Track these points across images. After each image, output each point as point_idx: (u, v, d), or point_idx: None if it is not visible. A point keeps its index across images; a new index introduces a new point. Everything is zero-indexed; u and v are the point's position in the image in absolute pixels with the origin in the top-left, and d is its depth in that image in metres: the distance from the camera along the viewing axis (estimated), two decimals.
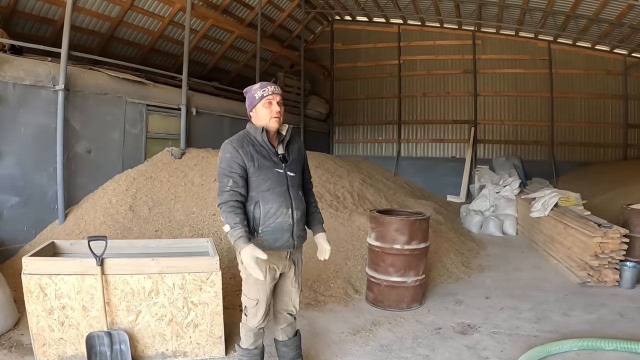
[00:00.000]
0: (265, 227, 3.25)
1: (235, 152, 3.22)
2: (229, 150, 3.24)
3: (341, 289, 5.92)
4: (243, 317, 3.49)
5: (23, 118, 6.17)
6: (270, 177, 3.28)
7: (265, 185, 3.26)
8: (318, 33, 17.20)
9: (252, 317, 3.42)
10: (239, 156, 3.21)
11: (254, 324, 3.43)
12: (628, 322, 5.22)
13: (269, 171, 3.28)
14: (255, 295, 3.35)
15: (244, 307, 3.45)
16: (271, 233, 3.27)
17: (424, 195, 13.40)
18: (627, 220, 6.87)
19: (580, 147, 14.41)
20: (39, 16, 8.86)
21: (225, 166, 3.21)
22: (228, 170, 3.19)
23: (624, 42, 12.46)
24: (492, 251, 8.63)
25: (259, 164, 3.25)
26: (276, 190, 3.28)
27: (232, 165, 3.20)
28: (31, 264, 3.78)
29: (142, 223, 6.61)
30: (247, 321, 3.45)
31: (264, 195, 3.25)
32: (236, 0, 12.46)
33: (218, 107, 10.38)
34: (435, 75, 15.69)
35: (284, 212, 3.29)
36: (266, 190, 3.26)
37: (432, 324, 5.12)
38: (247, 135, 3.35)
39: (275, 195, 3.27)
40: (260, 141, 3.31)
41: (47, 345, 3.82)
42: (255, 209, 3.25)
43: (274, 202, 3.26)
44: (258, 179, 3.24)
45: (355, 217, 7.51)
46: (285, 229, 3.31)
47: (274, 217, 3.26)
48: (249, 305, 3.40)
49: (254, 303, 3.37)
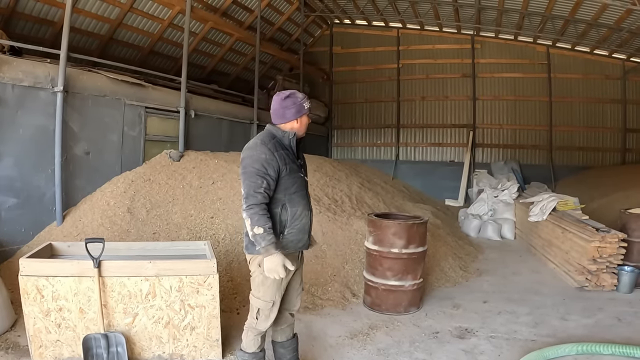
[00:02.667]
0: (291, 228, 3.34)
1: (271, 154, 3.23)
2: (264, 152, 3.23)
3: (339, 293, 5.91)
4: (251, 321, 3.47)
5: (21, 119, 6.17)
6: (297, 181, 3.37)
7: (293, 188, 3.34)
8: (317, 36, 17.24)
9: (264, 319, 3.42)
10: (274, 159, 3.23)
11: (265, 327, 3.44)
12: (626, 326, 5.21)
13: (296, 175, 3.37)
14: (272, 296, 3.38)
15: (255, 310, 3.42)
16: (295, 234, 3.36)
17: (422, 199, 13.41)
18: (625, 224, 6.87)
19: (578, 152, 14.45)
20: (38, 17, 8.86)
21: (260, 167, 3.19)
22: (263, 171, 3.18)
23: (622, 46, 12.51)
24: (490, 255, 8.63)
25: (290, 167, 3.31)
26: (300, 193, 3.39)
27: (267, 167, 3.20)
28: (28, 265, 3.77)
29: (140, 225, 6.60)
30: (258, 325, 3.44)
31: (291, 198, 3.33)
32: (236, 3, 12.48)
33: (217, 110, 10.40)
34: (434, 79, 15.73)
35: (305, 214, 3.41)
36: (293, 193, 3.34)
37: (430, 328, 5.11)
38: (275, 137, 3.38)
39: (299, 197, 3.38)
40: (287, 145, 3.38)
41: (43, 347, 3.81)
42: (283, 212, 3.31)
43: (299, 205, 3.37)
44: (287, 182, 3.30)
45: (353, 221, 7.50)
46: (305, 230, 3.44)
47: (299, 219, 3.36)
48: (264, 308, 3.39)
49: (269, 305, 3.39)
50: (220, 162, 8.31)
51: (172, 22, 11.32)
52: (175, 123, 8.88)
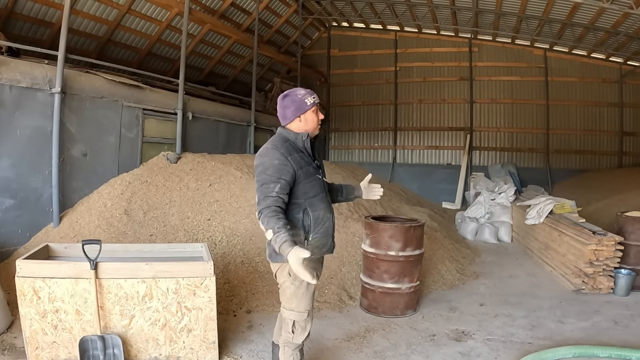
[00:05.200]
0: (315, 233, 3.20)
1: (284, 159, 3.09)
2: (277, 157, 3.09)
3: (335, 295, 5.91)
4: (287, 336, 3.31)
5: (19, 120, 6.15)
6: (315, 184, 3.24)
7: (313, 192, 3.20)
8: (315, 39, 17.26)
9: (302, 331, 3.31)
10: (288, 163, 3.08)
11: (302, 339, 3.32)
12: (622, 329, 5.23)
13: (314, 177, 3.23)
14: (307, 305, 3.26)
15: (291, 324, 3.28)
16: (320, 239, 3.23)
17: (420, 202, 13.43)
18: (621, 227, 6.88)
19: (575, 155, 14.50)
20: (36, 18, 8.86)
21: (273, 172, 3.04)
22: (276, 176, 3.03)
23: (619, 50, 12.56)
24: (487, 258, 8.64)
25: (306, 170, 3.18)
26: (320, 196, 3.26)
27: (281, 172, 3.04)
28: (25, 266, 3.75)
29: (137, 227, 6.59)
30: (295, 339, 3.30)
31: (312, 202, 3.19)
32: (234, 6, 12.51)
33: (214, 112, 10.40)
34: (432, 82, 15.77)
35: (328, 217, 3.29)
36: (313, 197, 3.20)
37: (426, 330, 5.11)
38: (288, 141, 3.23)
39: (319, 201, 3.25)
40: (301, 147, 3.24)
41: (40, 348, 3.79)
42: (305, 217, 3.17)
43: (320, 208, 3.24)
44: (306, 186, 3.17)
45: (350, 224, 7.51)
46: (329, 233, 3.31)
47: (322, 222, 3.23)
48: (300, 319, 3.26)
49: (305, 315, 3.27)
50: (218, 164, 8.31)
51: (170, 24, 11.33)
52: (172, 125, 8.87)
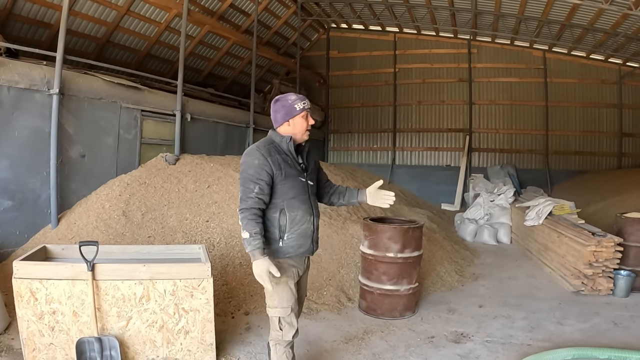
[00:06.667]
0: (291, 233, 3.29)
1: (264, 159, 3.21)
2: (257, 157, 3.22)
3: (334, 297, 5.89)
4: (276, 334, 3.39)
5: (17, 121, 6.14)
6: (295, 186, 3.32)
7: (291, 193, 3.29)
8: (314, 40, 17.26)
9: (289, 327, 3.37)
10: (267, 164, 3.20)
11: (291, 335, 3.39)
12: (622, 330, 5.21)
13: (294, 179, 3.32)
14: (288, 301, 3.33)
15: (277, 322, 3.36)
16: (296, 239, 3.31)
17: (419, 203, 13.42)
18: (621, 228, 6.87)
19: (574, 156, 14.49)
20: (35, 20, 8.83)
21: (253, 172, 3.18)
22: (256, 176, 3.17)
23: (618, 51, 12.56)
24: (486, 260, 8.63)
25: (286, 172, 3.27)
26: (300, 198, 3.34)
27: (260, 172, 3.18)
28: (22, 268, 3.74)
29: (135, 229, 6.58)
30: (284, 335, 3.38)
31: (290, 203, 3.28)
32: (232, 7, 12.49)
33: (213, 114, 10.39)
34: (431, 83, 15.76)
35: (307, 219, 3.36)
36: (292, 198, 3.29)
37: (425, 332, 5.10)
38: (273, 143, 3.36)
39: (299, 202, 3.32)
40: (285, 150, 3.34)
41: (37, 350, 3.78)
42: (281, 216, 3.27)
43: (299, 210, 3.31)
44: (284, 187, 3.26)
45: (349, 225, 7.50)
46: (308, 235, 3.38)
47: (299, 224, 3.31)
48: (284, 315, 3.34)
49: (288, 311, 3.34)
50: (216, 165, 8.30)
51: (168, 25, 11.31)
52: (171, 126, 8.86)
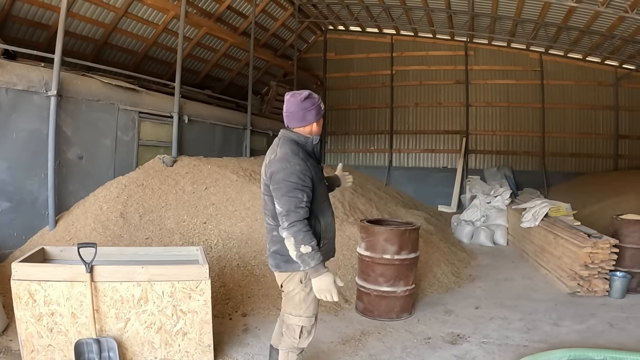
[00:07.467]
0: (325, 239, 3.20)
1: (304, 164, 3.01)
2: (298, 163, 3.00)
3: None
4: (292, 341, 3.32)
5: (15, 123, 6.15)
6: (323, 190, 3.23)
7: (321, 198, 3.17)
8: (311, 42, 17.27)
9: (307, 335, 3.32)
10: (308, 169, 3.02)
11: (307, 343, 3.35)
12: (618, 331, 5.25)
13: (321, 183, 3.21)
14: (314, 310, 3.28)
15: (298, 330, 3.27)
16: (329, 245, 3.25)
17: (415, 205, 13.44)
18: (617, 230, 6.91)
19: (571, 158, 14.53)
20: (33, 21, 8.84)
21: (297, 180, 2.95)
22: (301, 184, 2.95)
23: (615, 53, 12.61)
24: (482, 261, 8.65)
25: (319, 176, 3.15)
26: (327, 203, 3.26)
27: (304, 179, 2.97)
28: (20, 269, 3.75)
29: (133, 230, 6.59)
30: (300, 343, 3.31)
31: (322, 208, 3.18)
32: (230, 9, 12.51)
33: (210, 115, 10.40)
34: (428, 85, 15.77)
35: (332, 222, 3.30)
36: (322, 202, 3.19)
37: (422, 333, 5.12)
38: (299, 145, 3.14)
39: (327, 207, 3.25)
40: (310, 152, 3.19)
41: (35, 351, 3.78)
42: (316, 223, 3.12)
43: (328, 215, 3.24)
44: (317, 192, 3.11)
45: (345, 227, 7.51)
46: (334, 238, 3.32)
47: (330, 229, 3.24)
48: (307, 324, 3.27)
49: (312, 320, 3.29)
50: (214, 167, 8.31)
51: (166, 27, 11.31)
52: (168, 128, 8.87)
